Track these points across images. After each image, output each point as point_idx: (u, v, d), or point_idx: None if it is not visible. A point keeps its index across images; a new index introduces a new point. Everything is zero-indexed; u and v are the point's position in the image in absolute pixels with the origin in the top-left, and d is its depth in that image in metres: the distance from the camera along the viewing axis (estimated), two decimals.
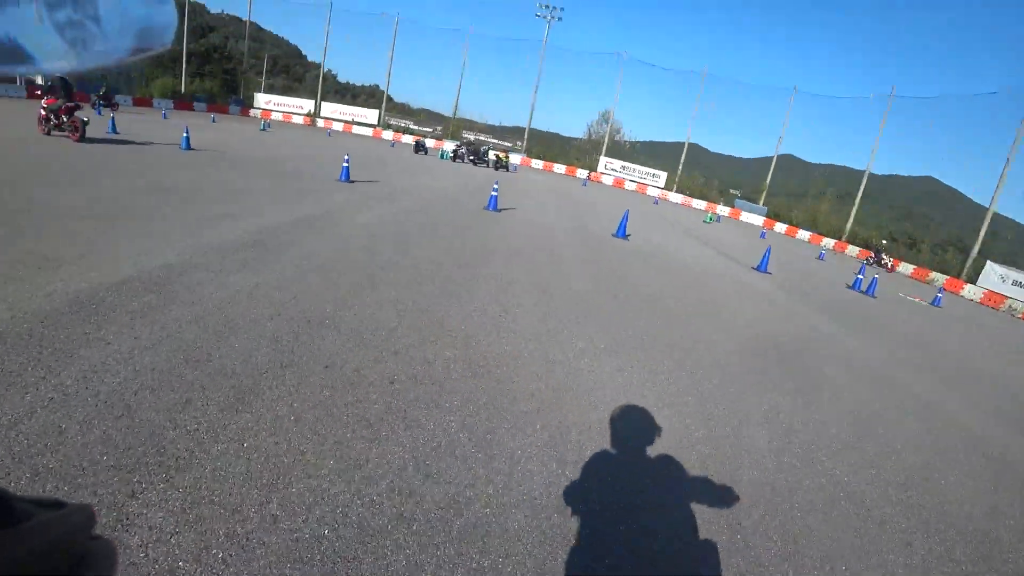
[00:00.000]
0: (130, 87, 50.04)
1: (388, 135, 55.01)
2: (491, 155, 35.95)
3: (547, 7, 52.28)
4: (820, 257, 24.46)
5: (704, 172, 54.21)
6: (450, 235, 9.71)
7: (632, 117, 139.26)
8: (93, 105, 32.87)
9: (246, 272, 5.63)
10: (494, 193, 13.77)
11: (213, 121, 37.58)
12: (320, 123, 55.64)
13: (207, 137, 22.96)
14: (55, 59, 0.20)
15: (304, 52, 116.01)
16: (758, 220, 42.99)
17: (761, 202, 47.51)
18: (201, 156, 15.60)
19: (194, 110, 48.74)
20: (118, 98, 37.99)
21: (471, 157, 35.96)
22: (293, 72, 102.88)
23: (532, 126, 58.55)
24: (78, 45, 0.20)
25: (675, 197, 47.18)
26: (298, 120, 55.88)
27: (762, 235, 30.75)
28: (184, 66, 54.19)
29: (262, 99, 57.87)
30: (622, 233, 13.77)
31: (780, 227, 41.65)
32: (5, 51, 0.19)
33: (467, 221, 11.56)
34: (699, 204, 45.50)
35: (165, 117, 33.41)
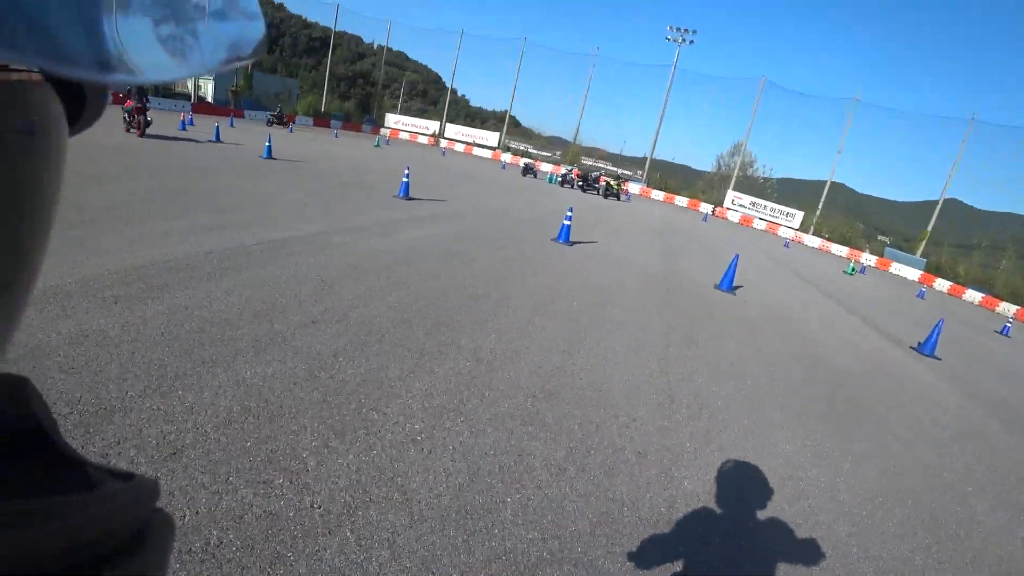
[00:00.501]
0: (285, 104, 54.61)
1: (507, 157, 54.62)
2: (601, 181, 33.33)
3: (678, 29, 49.05)
4: (1004, 332, 18.35)
5: (848, 214, 46.96)
6: (472, 273, 7.27)
7: (767, 150, 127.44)
8: (269, 123, 37.55)
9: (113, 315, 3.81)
10: (567, 222, 11.26)
11: (335, 136, 39.16)
12: (443, 143, 56.81)
13: (308, 149, 23.09)
14: (158, 72, 0.23)
15: (443, 78, 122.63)
16: (913, 274, 35.69)
17: (919, 253, 39.91)
18: (273, 164, 14.95)
19: (330, 127, 52.03)
20: (334, 123, 41.46)
21: (580, 183, 33.54)
22: (430, 96, 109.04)
23: (657, 156, 55.10)
24: (178, 57, 0.23)
25: (812, 240, 40.93)
26: (423, 140, 57.51)
27: (920, 294, 24.54)
28: (326, 87, 58.24)
29: (392, 119, 60.50)
30: (728, 285, 10.45)
31: (941, 284, 34.17)
32: (116, 64, 0.21)
33: (516, 254, 9.19)
34: (840, 251, 39.03)
35: (291, 131, 35.10)
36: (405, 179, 12.87)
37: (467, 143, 57.12)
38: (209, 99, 52.60)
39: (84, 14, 0.20)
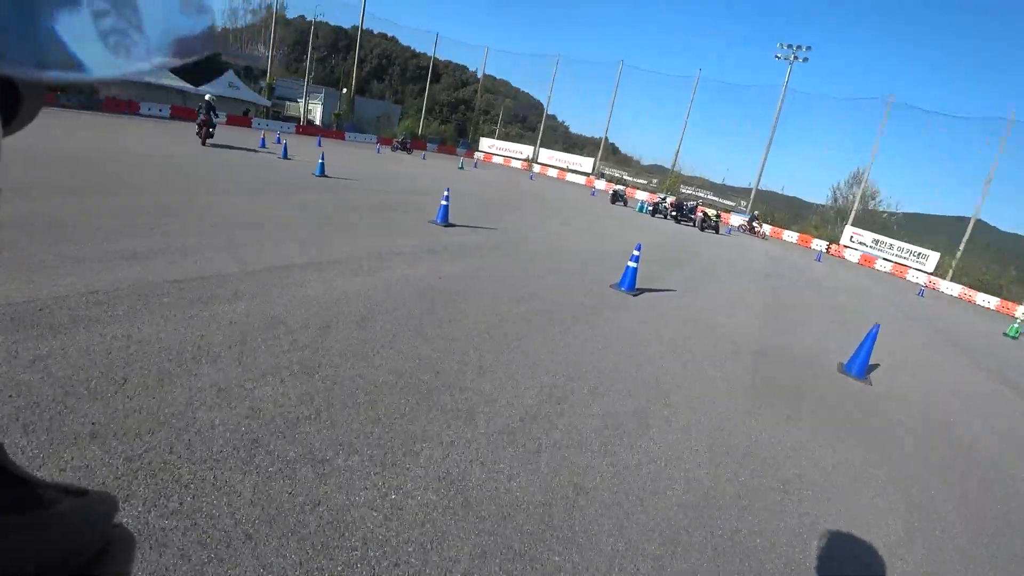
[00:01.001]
0: (384, 128, 56.20)
1: (600, 184, 52.19)
2: (699, 212, 29.92)
3: (789, 47, 44.28)
4: None
5: (994, 256, 38.89)
6: (444, 346, 4.84)
7: (893, 180, 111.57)
8: (394, 148, 41.60)
9: None
10: (632, 263, 8.64)
11: (423, 159, 38.93)
12: (535, 168, 55.55)
13: (376, 168, 22.25)
14: (100, 68, 0.21)
15: (544, 104, 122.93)
16: None
17: None
18: (321, 182, 13.79)
19: (426, 149, 52.68)
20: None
21: (673, 212, 30.23)
22: (530, 122, 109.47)
23: (764, 186, 50.11)
24: (121, 52, 0.22)
25: (950, 287, 34.09)
26: (516, 164, 56.63)
27: None
28: (423, 111, 59.29)
29: (486, 143, 60.31)
30: (859, 368, 7.02)
31: None
32: (61, 59, 0.19)
33: (544, 308, 6.70)
34: (985, 300, 32.11)
35: (378, 152, 35.12)
36: (444, 202, 10.93)
37: (561, 168, 55.44)
38: (317, 122, 55.27)
39: (18, 9, 0.19)
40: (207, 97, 18.86)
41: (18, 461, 1.54)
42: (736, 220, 40.86)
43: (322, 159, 15.63)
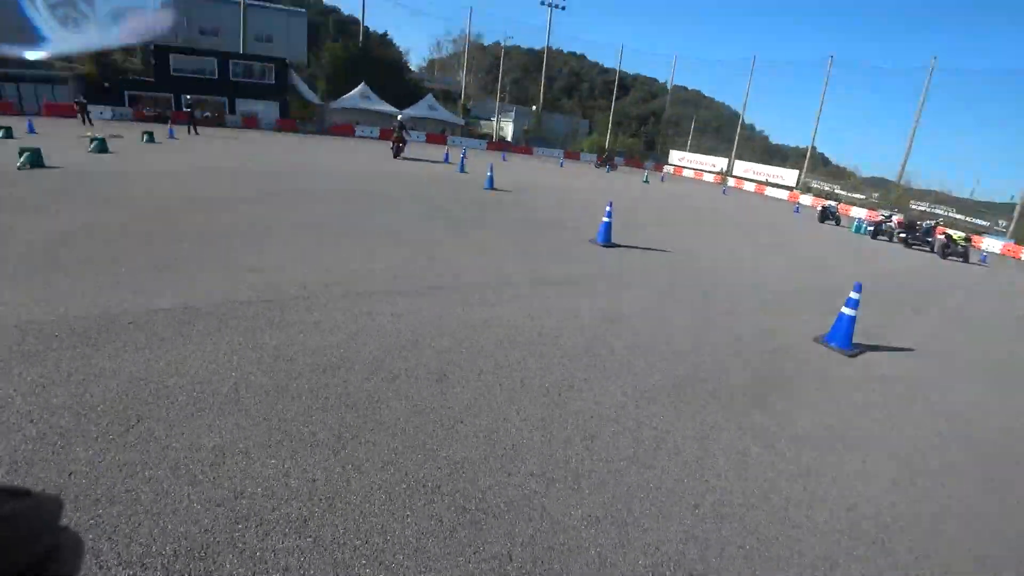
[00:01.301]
0: (572, 142, 56.46)
1: (806, 199, 45.87)
2: (938, 234, 23.97)
3: None
4: None
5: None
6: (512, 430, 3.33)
7: None
8: (597, 165, 41.94)
9: None
10: (849, 311, 6.03)
11: (607, 171, 37.87)
12: (731, 182, 50.84)
13: (554, 181, 21.60)
14: (61, 42, 0.19)
15: (739, 111, 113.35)
16: None
17: None
18: (487, 196, 13.36)
19: (615, 164, 51.65)
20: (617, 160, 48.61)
21: (902, 233, 24.47)
22: (724, 133, 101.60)
23: None
24: (70, 25, 0.19)
25: None
26: (708, 178, 52.54)
27: None
28: (610, 125, 58.17)
29: (675, 156, 57.04)
30: None
31: None
32: (23, 32, 0.18)
33: (722, 372, 5.00)
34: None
35: (561, 166, 34.86)
36: (606, 219, 9.49)
37: (758, 182, 49.97)
38: (508, 138, 57.64)
39: None
40: (399, 117, 20.03)
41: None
42: (992, 244, 32.23)
43: (491, 172, 15.34)
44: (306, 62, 42.70)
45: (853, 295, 6.06)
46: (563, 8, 49.68)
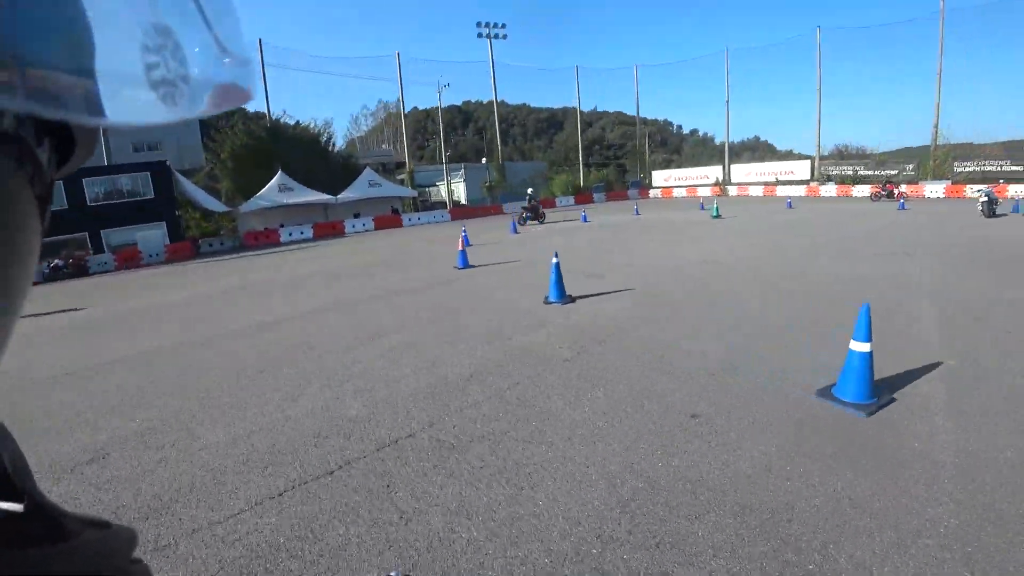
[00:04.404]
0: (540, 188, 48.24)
1: (829, 190, 38.69)
2: None
3: None
4: None
5: None
6: None
7: None
8: (522, 220, 27.57)
9: None
10: None
11: (584, 220, 29.07)
12: (733, 191, 43.45)
13: (536, 242, 12.32)
14: (148, 115, 0.22)
15: (674, 121, 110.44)
16: None
17: None
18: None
19: (593, 201, 43.26)
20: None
21: None
22: (671, 144, 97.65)
23: None
24: (168, 101, 0.22)
25: None
26: (704, 192, 44.91)
27: None
28: (580, 161, 50.38)
29: (661, 177, 49.53)
30: None
31: None
32: (112, 106, 0.20)
33: None
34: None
35: (585, 220, 25.73)
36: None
37: (767, 183, 42.66)
38: (463, 200, 48.87)
39: (75, 57, 0.20)
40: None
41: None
42: None
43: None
44: (203, 164, 32.76)
45: None
46: (504, 37, 41.90)
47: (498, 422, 4.19)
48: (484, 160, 57.50)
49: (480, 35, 41.42)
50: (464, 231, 17.73)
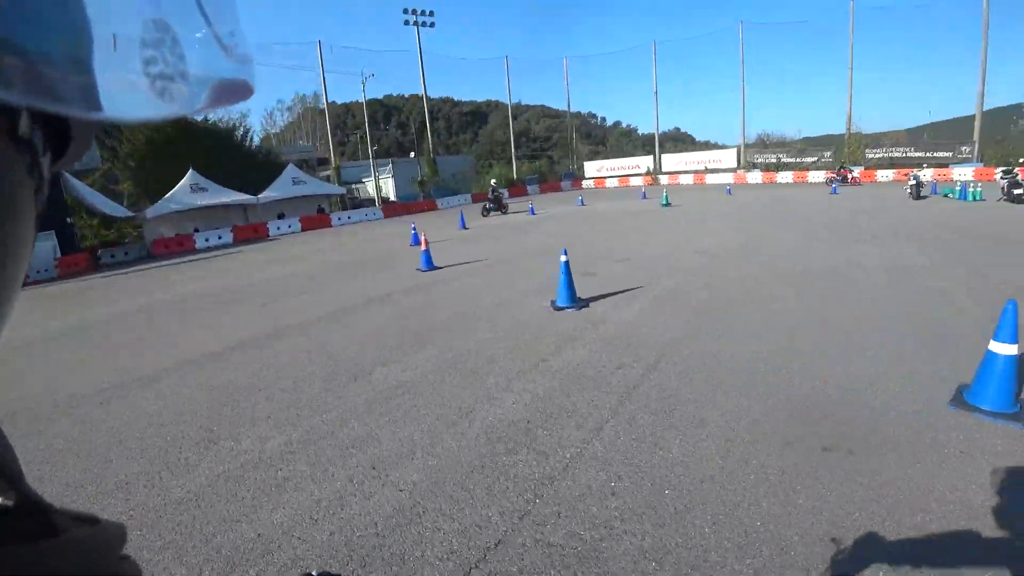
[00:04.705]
0: (465, 182, 46.79)
1: (755, 177, 39.91)
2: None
3: None
4: None
5: None
6: None
7: None
8: (485, 213, 25.74)
9: None
10: None
11: (531, 213, 28.32)
12: (664, 180, 43.95)
13: (499, 239, 11.35)
14: (145, 109, 0.22)
15: (598, 113, 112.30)
16: None
17: None
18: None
19: (528, 193, 42.36)
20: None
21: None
22: (596, 136, 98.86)
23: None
24: (166, 97, 0.22)
25: None
26: (636, 182, 45.14)
27: None
28: (513, 155, 49.29)
29: (593, 167, 49.39)
30: None
31: None
32: (110, 100, 0.20)
33: None
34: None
35: (533, 212, 24.55)
36: None
37: (696, 171, 43.49)
38: (392, 197, 46.50)
39: (74, 52, 0.20)
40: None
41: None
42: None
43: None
44: (98, 164, 28.71)
45: None
46: (432, 25, 39.89)
47: (630, 519, 2.78)
48: (412, 155, 55.37)
49: (407, 22, 39.28)
50: (414, 228, 16.08)
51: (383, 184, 46.53)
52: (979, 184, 21.02)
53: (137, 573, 0.29)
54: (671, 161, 46.04)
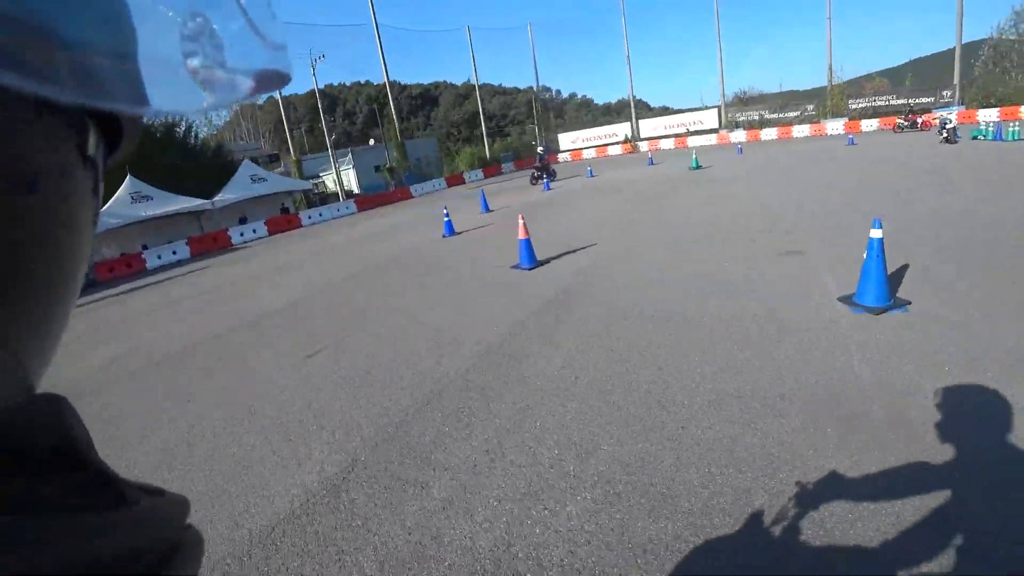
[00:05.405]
0: (438, 168, 43.51)
1: (739, 136, 38.18)
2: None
3: None
4: None
5: None
6: None
7: None
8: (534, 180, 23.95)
9: None
10: None
11: (546, 188, 25.57)
12: (643, 147, 41.79)
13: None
14: (189, 102, 0.22)
15: (551, 86, 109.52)
16: None
17: None
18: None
19: (503, 172, 39.47)
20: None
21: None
22: (552, 109, 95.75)
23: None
24: (207, 88, 0.22)
25: None
26: (615, 151, 42.82)
27: None
28: (484, 134, 46.03)
29: (567, 139, 46.78)
30: None
31: None
32: (125, 87, 0.20)
33: None
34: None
35: (548, 188, 21.72)
36: None
37: (677, 135, 41.53)
38: (355, 189, 42.77)
39: (120, 43, 0.20)
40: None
41: None
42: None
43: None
44: None
45: None
46: None
47: None
48: (372, 142, 51.50)
49: None
50: (447, 212, 12.99)
51: (344, 176, 42.71)
52: (1015, 123, 19.52)
53: (200, 541, 0.31)
54: (648, 127, 43.90)
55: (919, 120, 26.97)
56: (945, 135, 19.52)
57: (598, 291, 6.37)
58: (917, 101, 36.87)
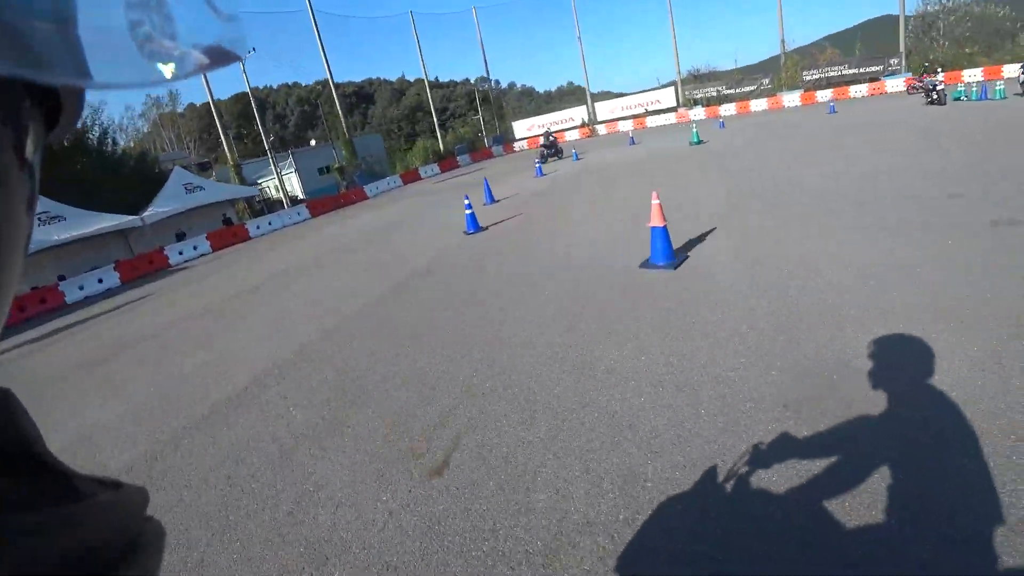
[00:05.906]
0: (386, 165, 40.68)
1: (698, 114, 37.35)
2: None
3: None
4: None
5: None
6: None
7: None
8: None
9: None
10: None
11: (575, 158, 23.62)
12: (602, 130, 40.36)
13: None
14: (118, 75, 0.20)
15: (489, 77, 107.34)
16: None
17: None
18: None
19: (459, 165, 37.06)
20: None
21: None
22: (493, 100, 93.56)
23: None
24: (155, 59, 0.21)
25: None
26: (573, 135, 41.19)
27: None
28: (437, 127, 43.26)
29: (522, 128, 44.78)
30: None
31: None
32: (98, 67, 0.18)
33: None
34: None
35: (541, 173, 19.59)
36: None
37: (636, 116, 40.37)
38: (299, 194, 39.37)
39: (60, 18, 0.19)
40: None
41: None
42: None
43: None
44: None
45: None
46: None
47: None
48: (313, 142, 48.00)
49: None
50: (468, 201, 10.56)
51: (287, 180, 39.18)
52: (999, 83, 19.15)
53: (161, 532, 0.30)
54: (605, 109, 42.56)
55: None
56: (935, 96, 19.04)
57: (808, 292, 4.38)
58: (867, 70, 37.09)
